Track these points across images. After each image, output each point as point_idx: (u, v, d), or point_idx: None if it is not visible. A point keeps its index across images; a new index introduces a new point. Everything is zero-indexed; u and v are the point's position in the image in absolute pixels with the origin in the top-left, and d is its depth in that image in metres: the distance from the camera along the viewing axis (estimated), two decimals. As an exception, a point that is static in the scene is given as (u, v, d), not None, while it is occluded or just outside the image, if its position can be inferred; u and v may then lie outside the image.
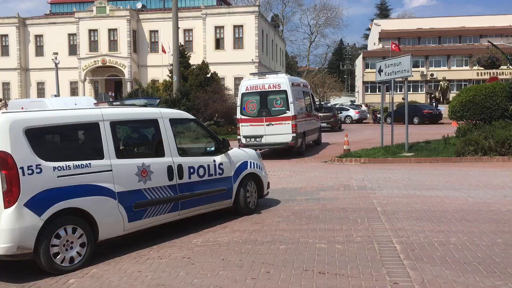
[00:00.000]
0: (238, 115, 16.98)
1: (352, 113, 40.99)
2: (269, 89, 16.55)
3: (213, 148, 8.11)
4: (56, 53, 42.42)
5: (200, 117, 29.92)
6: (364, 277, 5.14)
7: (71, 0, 56.05)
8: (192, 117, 8.14)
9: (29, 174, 5.56)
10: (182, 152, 7.44)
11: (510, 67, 19.38)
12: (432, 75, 57.41)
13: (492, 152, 13.92)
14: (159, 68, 46.44)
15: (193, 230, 7.52)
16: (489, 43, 21.91)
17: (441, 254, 5.80)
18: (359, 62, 66.66)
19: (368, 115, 43.64)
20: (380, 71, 16.67)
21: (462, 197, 9.05)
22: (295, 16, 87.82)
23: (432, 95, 51.96)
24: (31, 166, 5.60)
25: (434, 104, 43.59)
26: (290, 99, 16.32)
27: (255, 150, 9.73)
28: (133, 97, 29.57)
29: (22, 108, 18.83)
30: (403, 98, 29.07)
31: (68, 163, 5.90)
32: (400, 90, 47.67)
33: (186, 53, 34.56)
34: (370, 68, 55.87)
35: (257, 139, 16.17)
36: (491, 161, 13.67)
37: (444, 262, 5.50)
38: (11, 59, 52.22)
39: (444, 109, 35.77)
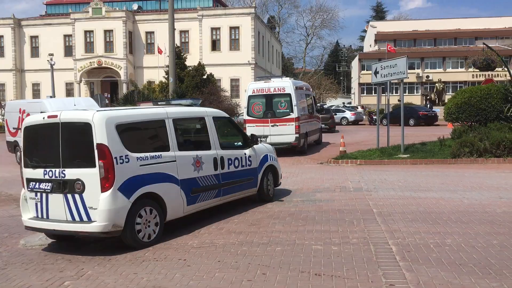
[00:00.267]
0: (245, 116, 17.96)
1: (348, 114, 41.03)
2: (274, 92, 17.54)
3: (241, 143, 9.19)
4: (52, 54, 42.26)
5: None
6: (360, 279, 5.15)
7: (66, 1, 55.90)
8: (227, 115, 9.43)
9: (120, 163, 6.51)
10: (222, 146, 8.45)
11: (505, 69, 19.45)
12: (427, 77, 57.58)
13: (487, 154, 13.97)
14: (155, 69, 46.39)
15: (189, 231, 7.50)
16: (485, 45, 22.00)
17: (436, 255, 5.81)
18: (355, 63, 66.77)
19: (364, 117, 43.71)
20: (376, 72, 16.70)
21: (458, 199, 9.08)
22: (291, 18, 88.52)
23: (428, 97, 52.10)
24: (122, 156, 6.56)
25: (428, 105, 43.72)
26: (294, 102, 17.26)
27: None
28: (129, 98, 29.53)
29: (20, 109, 18.57)
30: (399, 100, 29.16)
31: (146, 154, 6.92)
32: (396, 92, 47.76)
33: (182, 54, 34.56)
34: (366, 70, 55.97)
35: (263, 139, 16.59)
36: (486, 162, 13.72)
37: (440, 264, 5.51)
38: (6, 60, 52.03)
39: (439, 110, 35.87)
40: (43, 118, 6.94)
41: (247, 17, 48.45)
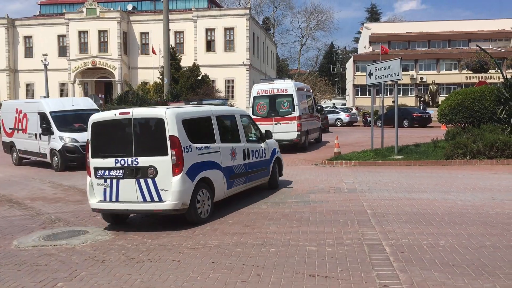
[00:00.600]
0: (250, 115, 18.47)
1: (343, 116, 41.14)
2: (277, 93, 18.96)
3: (258, 137, 10.65)
4: (46, 55, 42.06)
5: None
6: (354, 280, 5.16)
7: (61, 1, 55.68)
8: (248, 113, 11.32)
9: (186, 152, 7.78)
10: (247, 140, 9.95)
11: (499, 71, 19.56)
12: (421, 78, 57.82)
13: (480, 155, 14.03)
14: (149, 70, 46.29)
15: (184, 232, 7.49)
16: (478, 47, 22.13)
17: (430, 256, 5.84)
18: (349, 65, 66.94)
19: (358, 118, 43.82)
20: (370, 74, 16.75)
21: (451, 200, 9.12)
22: (286, 19, 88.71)
23: (422, 98, 52.33)
24: (187, 146, 7.84)
25: (421, 107, 43.89)
26: (296, 102, 18.66)
27: None
28: (123, 99, 29.44)
29: (17, 109, 18.21)
30: (393, 101, 29.27)
31: (201, 145, 8.26)
32: (390, 93, 47.96)
33: (177, 55, 34.53)
34: (361, 71, 56.12)
35: None
36: (479, 164, 13.78)
37: (433, 265, 5.53)
38: (0, 61, 51.75)
39: (433, 112, 36.03)
40: (115, 114, 8.11)
41: (242, 18, 48.46)
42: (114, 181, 7.86)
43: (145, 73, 48.20)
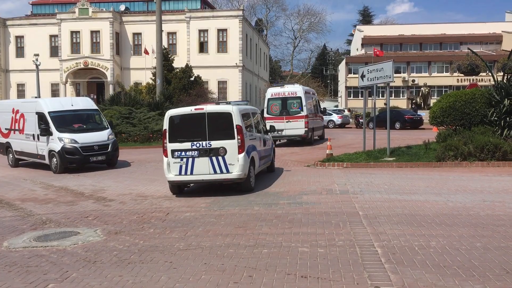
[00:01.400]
0: (265, 114, 22.16)
1: (335, 117, 41.26)
2: (288, 96, 22.26)
3: (265, 131, 13.57)
4: (37, 55, 41.84)
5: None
6: (346, 281, 5.18)
7: (53, 1, 55.35)
8: (260, 111, 14.62)
9: (245, 137, 10.73)
10: (263, 132, 13.13)
11: (489, 74, 19.72)
12: (413, 81, 58.15)
13: (471, 158, 14.13)
14: (142, 70, 46.13)
15: (176, 234, 7.48)
16: (469, 50, 22.28)
17: (421, 257, 5.87)
18: (342, 67, 67.18)
19: (350, 120, 43.97)
20: (362, 76, 16.82)
21: (442, 202, 9.17)
22: (279, 21, 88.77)
23: (414, 101, 52.59)
24: (245, 133, 10.83)
25: (413, 109, 44.11)
26: (303, 103, 21.95)
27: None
28: (115, 99, 29.32)
29: (14, 109, 17.83)
30: (385, 104, 29.40)
31: (250, 133, 11.34)
32: (382, 96, 48.15)
33: (169, 56, 34.44)
34: (353, 73, 56.35)
35: (279, 132, 21.20)
36: (470, 166, 13.88)
37: (425, 266, 5.56)
38: (-10, 60, 51.36)
39: (425, 114, 36.23)
40: (191, 110, 10.91)
41: (235, 20, 48.46)
42: (190, 159, 10.55)
43: (137, 74, 48.04)
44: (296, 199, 9.92)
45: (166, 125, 10.79)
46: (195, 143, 10.51)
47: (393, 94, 55.20)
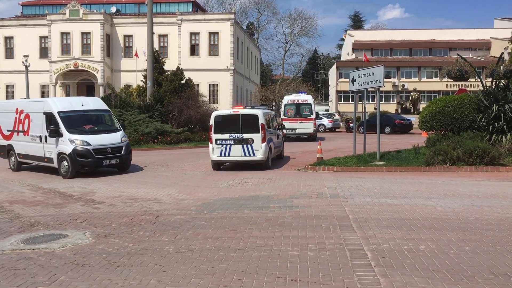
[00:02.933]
0: (282, 116, 29.10)
1: (326, 121, 41.37)
2: (301, 102, 29.18)
3: (278, 128, 18.55)
4: (27, 56, 41.48)
5: (173, 123, 29.70)
6: (336, 284, 5.19)
7: (43, 3, 54.98)
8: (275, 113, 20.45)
9: (266, 132, 15.34)
10: (277, 129, 18.07)
11: (478, 79, 19.91)
12: (403, 86, 58.50)
13: (460, 162, 14.25)
14: (133, 73, 45.94)
15: (165, 237, 7.44)
16: (458, 56, 22.50)
17: (410, 261, 5.90)
18: (333, 71, 67.38)
19: (341, 124, 44.11)
20: (353, 81, 16.91)
21: (431, 206, 9.24)
22: (270, 25, 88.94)
23: (403, 105, 52.92)
24: (267, 128, 15.47)
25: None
26: (313, 109, 29.11)
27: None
28: (105, 101, 29.08)
29: (17, 109, 16.84)
30: (375, 108, 29.63)
31: (269, 129, 15.87)
32: (373, 100, 48.38)
33: (160, 58, 34.27)
34: (344, 78, 56.55)
35: (293, 130, 28.25)
36: (459, 170, 14.00)
37: (414, 270, 5.59)
38: (-21, 61, 50.83)
39: (414, 119, 36.44)
40: (230, 112, 15.98)
41: (226, 23, 48.49)
42: (228, 146, 15.31)
43: (128, 76, 47.83)
44: (286, 202, 9.93)
45: (212, 122, 15.62)
46: (232, 134, 15.27)
47: (383, 99, 55.51)
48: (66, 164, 15.00)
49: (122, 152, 15.71)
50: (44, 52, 49.87)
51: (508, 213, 8.52)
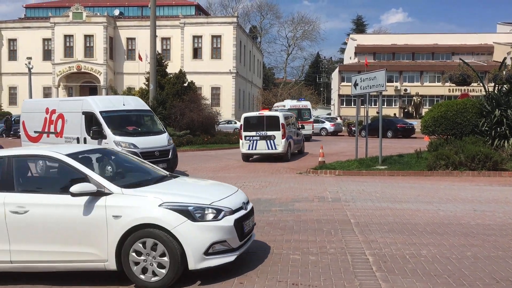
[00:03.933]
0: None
1: (328, 125, 41.39)
2: (301, 107, 33.04)
3: (298, 127, 22.34)
4: (30, 58, 41.67)
5: (176, 126, 29.74)
6: (337, 289, 5.17)
7: (46, 5, 55.27)
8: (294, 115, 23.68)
9: (286, 130, 18.88)
10: (297, 129, 22.10)
11: (481, 84, 19.91)
12: (405, 90, 58.52)
13: (462, 167, 14.22)
14: (135, 75, 46.10)
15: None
16: (461, 61, 22.49)
17: (412, 266, 5.89)
18: (335, 75, 67.48)
19: (343, 128, 44.10)
20: (355, 84, 16.91)
21: (433, 210, 9.22)
22: (273, 28, 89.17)
23: (406, 110, 52.92)
24: (286, 127, 18.94)
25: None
26: (312, 113, 33.57)
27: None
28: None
29: (48, 109, 15.57)
30: (377, 112, 29.60)
31: (288, 127, 19.31)
32: (375, 104, 48.41)
33: (163, 61, 34.39)
34: (346, 82, 56.60)
35: None
36: (461, 175, 13.97)
37: (415, 274, 5.58)
38: (-18, 63, 51.06)
39: (416, 123, 36.43)
40: (257, 114, 19.97)
41: (229, 26, 48.63)
42: (255, 141, 18.70)
43: (130, 79, 47.99)
44: (288, 206, 9.92)
45: (242, 122, 19.22)
46: (258, 132, 18.71)
47: (385, 103, 55.52)
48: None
49: (170, 156, 14.65)
50: (47, 55, 50.08)
51: (510, 218, 8.50)
